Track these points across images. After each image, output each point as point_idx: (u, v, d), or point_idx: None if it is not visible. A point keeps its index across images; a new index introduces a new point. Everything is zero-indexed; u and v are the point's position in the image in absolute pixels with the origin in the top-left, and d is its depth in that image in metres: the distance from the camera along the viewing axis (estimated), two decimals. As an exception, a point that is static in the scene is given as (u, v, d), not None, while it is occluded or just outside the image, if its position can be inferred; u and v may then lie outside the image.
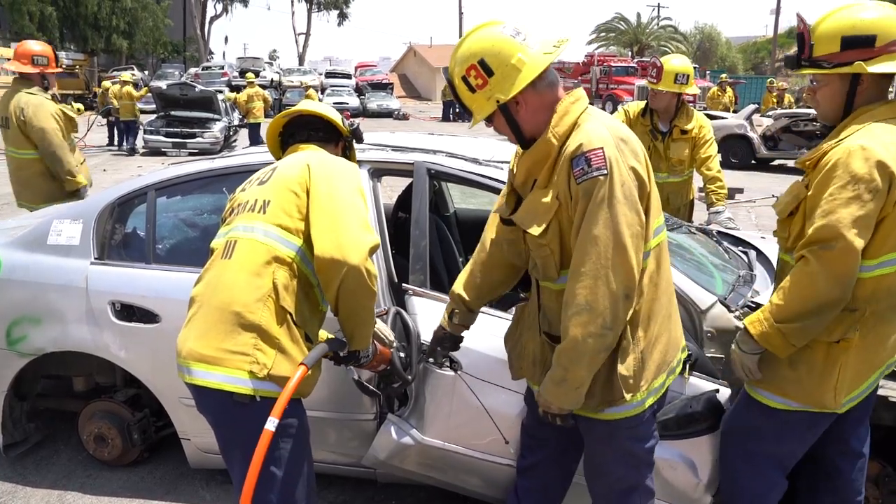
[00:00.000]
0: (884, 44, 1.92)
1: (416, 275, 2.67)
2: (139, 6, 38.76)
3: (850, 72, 1.95)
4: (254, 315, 1.96)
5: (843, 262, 1.91)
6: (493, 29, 1.88)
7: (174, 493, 3.12)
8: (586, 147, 1.79)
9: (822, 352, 2.06)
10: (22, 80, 4.74)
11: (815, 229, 1.93)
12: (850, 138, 1.96)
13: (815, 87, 2.09)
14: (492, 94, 1.87)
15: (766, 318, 2.04)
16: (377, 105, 29.41)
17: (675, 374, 2.09)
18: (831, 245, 1.90)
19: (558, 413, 1.95)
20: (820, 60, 1.99)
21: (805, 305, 1.96)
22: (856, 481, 2.32)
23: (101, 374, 3.31)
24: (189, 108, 16.27)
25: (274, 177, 2.15)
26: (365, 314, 2.09)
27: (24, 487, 3.17)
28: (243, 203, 2.16)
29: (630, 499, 2.10)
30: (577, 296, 1.80)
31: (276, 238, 2.04)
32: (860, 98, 2.00)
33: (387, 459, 2.66)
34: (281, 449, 1.99)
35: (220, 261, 2.08)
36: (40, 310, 3.06)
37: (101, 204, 3.14)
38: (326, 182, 2.08)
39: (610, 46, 48.67)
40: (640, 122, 4.47)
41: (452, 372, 2.48)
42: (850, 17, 1.97)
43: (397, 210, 3.78)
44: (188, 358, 2.01)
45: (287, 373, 1.96)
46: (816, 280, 1.93)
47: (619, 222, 1.77)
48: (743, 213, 8.91)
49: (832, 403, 2.07)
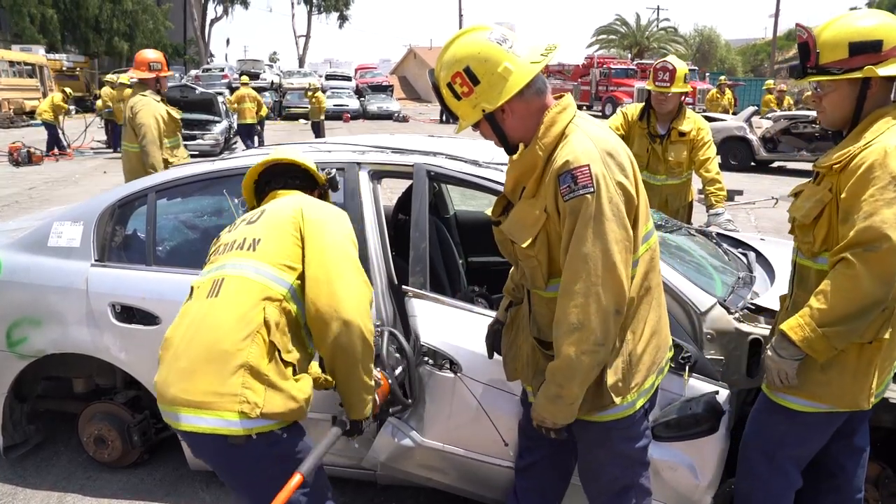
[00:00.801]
0: (890, 47, 1.95)
1: (416, 277, 2.68)
2: (140, 8, 38.82)
3: (861, 76, 1.97)
4: (242, 353, 1.88)
5: (889, 263, 1.90)
6: (479, 35, 1.85)
7: (174, 495, 3.12)
8: (573, 164, 1.78)
9: (855, 353, 2.06)
10: (140, 84, 5.63)
11: (858, 231, 1.91)
12: (881, 139, 1.96)
13: (821, 93, 2.09)
14: (477, 103, 1.85)
15: (807, 323, 2.01)
16: (377, 107, 29.44)
17: (663, 373, 2.11)
18: (876, 246, 1.89)
19: (552, 427, 1.97)
20: (829, 67, 2.00)
21: (850, 308, 1.95)
22: (857, 478, 2.33)
23: (102, 376, 3.31)
24: (189, 110, 16.20)
25: (264, 217, 2.11)
26: (362, 376, 2.03)
27: (24, 489, 3.18)
28: (229, 243, 2.11)
29: (625, 499, 2.11)
30: (570, 315, 1.81)
31: (267, 275, 1.98)
32: (870, 102, 2.02)
33: (387, 461, 2.67)
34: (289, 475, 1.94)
35: (204, 300, 2.00)
36: (41, 311, 3.06)
37: (102, 206, 3.14)
38: (320, 228, 2.05)
39: (610, 49, 48.72)
40: (638, 124, 4.48)
41: (452, 374, 2.48)
42: (854, 24, 1.99)
43: (397, 212, 3.79)
44: (174, 404, 1.91)
45: (279, 408, 1.89)
46: (861, 282, 1.91)
47: (609, 240, 1.77)
48: (742, 215, 8.92)
49: (866, 404, 2.08)
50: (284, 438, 1.96)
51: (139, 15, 38.78)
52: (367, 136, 3.20)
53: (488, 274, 3.62)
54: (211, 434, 1.88)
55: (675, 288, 2.48)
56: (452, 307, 2.62)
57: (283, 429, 1.96)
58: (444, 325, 2.54)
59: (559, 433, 1.99)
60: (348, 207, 2.80)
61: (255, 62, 36.93)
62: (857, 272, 1.92)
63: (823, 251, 2.09)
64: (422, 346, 2.48)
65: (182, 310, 2.06)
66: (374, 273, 2.73)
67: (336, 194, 2.85)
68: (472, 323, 2.53)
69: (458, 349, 2.49)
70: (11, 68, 25.40)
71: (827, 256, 2.06)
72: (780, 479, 2.27)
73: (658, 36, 47.26)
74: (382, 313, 2.69)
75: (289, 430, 1.98)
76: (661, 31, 47.87)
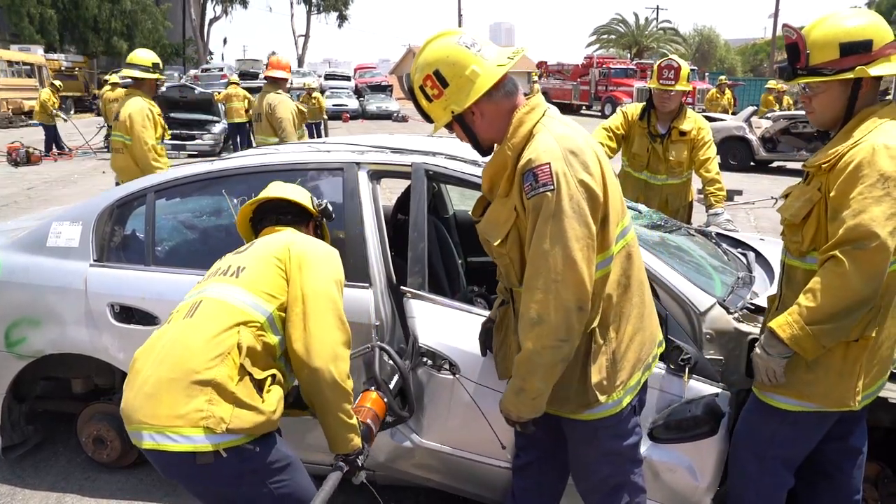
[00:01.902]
0: (880, 47, 1.96)
1: (415, 277, 2.67)
2: (139, 8, 38.82)
3: (852, 77, 1.97)
4: (210, 371, 1.86)
5: (877, 261, 1.90)
6: (449, 39, 1.89)
7: (173, 496, 3.12)
8: (534, 162, 1.82)
9: (841, 352, 2.06)
10: (270, 83, 6.71)
11: (847, 229, 1.92)
12: (869, 138, 1.96)
13: (811, 94, 2.09)
14: (447, 105, 1.89)
15: (795, 321, 2.02)
16: (376, 107, 29.39)
17: (650, 370, 2.12)
18: (865, 244, 1.90)
19: (517, 421, 1.99)
20: (820, 68, 2.01)
21: (838, 306, 1.95)
22: (855, 479, 2.33)
23: (100, 376, 3.30)
24: (188, 110, 16.24)
25: (252, 248, 2.16)
26: (337, 414, 2.02)
27: (22, 490, 3.17)
28: (215, 270, 2.14)
29: (618, 497, 2.12)
30: (530, 309, 1.84)
31: (247, 302, 1.99)
32: (861, 101, 2.02)
33: (386, 461, 2.67)
34: (272, 484, 1.95)
35: (179, 322, 2.00)
36: (39, 312, 3.06)
37: (101, 206, 3.14)
38: (305, 269, 2.05)
39: (609, 49, 48.72)
40: (638, 124, 4.47)
41: (451, 375, 2.48)
42: (843, 24, 1.99)
43: (396, 212, 3.78)
44: (139, 425, 1.87)
45: (247, 423, 1.87)
46: (850, 279, 1.92)
47: (568, 237, 1.79)
48: (742, 214, 8.92)
49: (853, 403, 2.08)
50: (257, 452, 1.92)
51: (138, 14, 38.78)
52: (366, 136, 3.19)
53: (487, 274, 3.60)
54: (177, 453, 1.83)
55: (675, 288, 2.48)
56: (451, 308, 2.62)
57: (253, 442, 1.92)
58: (443, 326, 2.54)
59: (525, 427, 2.01)
60: (347, 208, 2.80)
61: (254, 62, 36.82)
62: (845, 270, 1.92)
63: (811, 251, 2.09)
64: (420, 348, 2.48)
65: (156, 333, 2.03)
66: (374, 273, 2.73)
67: (335, 194, 2.86)
68: (471, 324, 2.52)
69: (457, 350, 2.48)
70: (10, 68, 25.39)
71: (815, 256, 2.06)
72: (770, 479, 2.28)
73: (657, 36, 47.29)
74: (382, 314, 2.69)
75: (260, 443, 1.94)
76: (660, 31, 47.91)
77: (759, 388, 2.23)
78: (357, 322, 2.60)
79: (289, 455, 2.04)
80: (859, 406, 2.11)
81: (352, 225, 2.78)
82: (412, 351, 2.49)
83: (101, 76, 21.19)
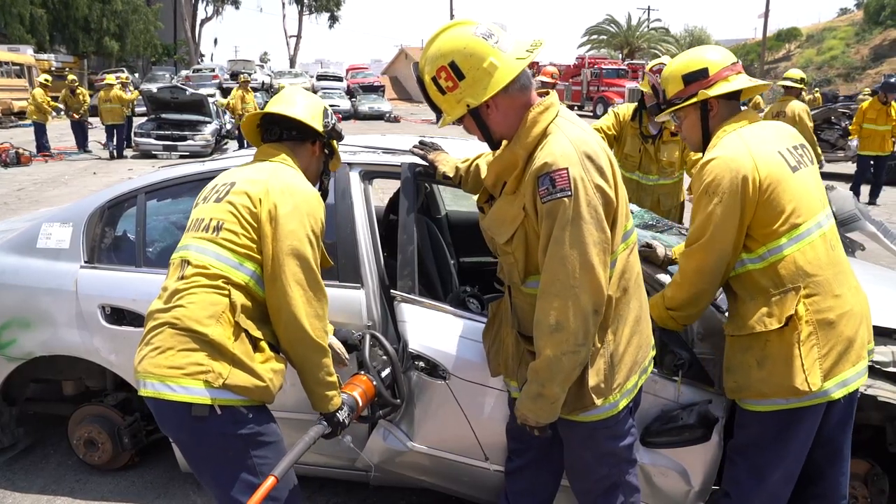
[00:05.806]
0: (715, 72, 2.27)
1: (405, 280, 2.65)
2: (129, 9, 38.62)
3: (697, 100, 2.27)
4: (207, 330, 1.92)
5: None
6: (465, 29, 1.86)
7: (165, 498, 3.11)
8: (552, 167, 1.79)
9: (776, 341, 2.11)
10: None
11: (689, 235, 2.27)
12: (709, 153, 2.23)
13: (679, 122, 2.39)
14: (462, 98, 1.86)
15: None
16: (368, 107, 29.34)
17: (647, 373, 2.12)
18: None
19: (535, 426, 1.99)
20: (672, 100, 2.33)
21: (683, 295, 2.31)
22: (841, 485, 2.33)
23: (91, 378, 3.29)
24: (180, 111, 16.21)
25: (229, 196, 2.07)
26: (314, 369, 2.04)
27: (12, 493, 3.15)
28: (198, 220, 2.11)
29: (614, 496, 2.12)
30: (549, 316, 1.83)
31: (228, 263, 2.00)
32: (715, 120, 2.30)
33: (380, 463, 2.67)
34: (255, 457, 1.98)
35: (174, 280, 2.05)
36: (30, 314, 3.04)
37: (91, 207, 3.12)
38: (277, 226, 1.99)
39: (601, 49, 48.83)
40: (630, 124, 4.48)
41: (440, 380, 2.48)
42: (683, 60, 2.35)
43: (388, 213, 3.78)
44: (143, 373, 1.98)
45: (244, 382, 1.93)
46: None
47: (587, 242, 1.79)
48: (733, 214, 8.93)
49: (805, 386, 2.08)
50: (250, 418, 1.96)
51: (129, 15, 38.58)
52: (358, 137, 3.19)
53: (480, 274, 3.62)
54: (174, 402, 1.90)
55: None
56: (441, 311, 2.60)
57: (249, 408, 1.97)
58: (433, 330, 2.53)
59: (543, 431, 2.00)
60: (339, 208, 2.79)
61: (246, 62, 36.78)
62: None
63: None
64: (410, 352, 2.47)
65: (164, 284, 2.10)
66: (365, 274, 2.72)
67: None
68: (461, 328, 2.52)
69: (446, 355, 2.48)
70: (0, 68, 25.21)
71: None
72: (766, 493, 2.27)
73: (649, 36, 47.41)
74: (373, 315, 2.68)
75: (255, 412, 1.98)
76: (651, 32, 48.03)
77: (731, 394, 2.25)
78: (348, 323, 2.60)
79: (279, 435, 2.07)
80: (835, 393, 2.10)
81: (343, 225, 2.78)
82: (402, 355, 2.49)
83: (92, 76, 21.07)
